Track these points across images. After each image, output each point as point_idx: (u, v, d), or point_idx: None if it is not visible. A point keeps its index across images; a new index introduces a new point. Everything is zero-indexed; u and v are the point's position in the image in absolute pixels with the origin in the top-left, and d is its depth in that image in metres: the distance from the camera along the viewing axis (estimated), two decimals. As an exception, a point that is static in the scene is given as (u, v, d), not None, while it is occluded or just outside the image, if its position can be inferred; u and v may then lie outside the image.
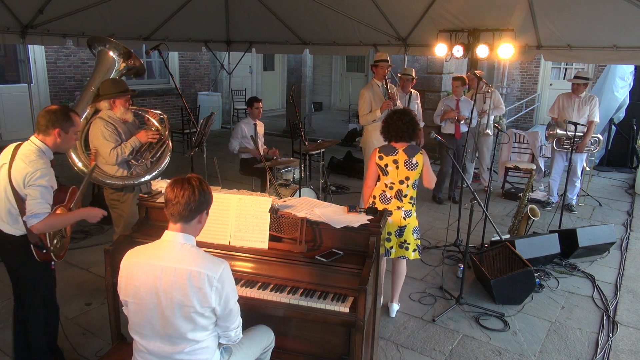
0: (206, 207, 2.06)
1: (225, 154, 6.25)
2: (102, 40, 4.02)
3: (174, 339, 2.00)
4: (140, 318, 2.01)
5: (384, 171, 3.56)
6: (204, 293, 1.92)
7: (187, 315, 1.94)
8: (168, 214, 2.01)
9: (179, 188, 1.97)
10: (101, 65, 4.02)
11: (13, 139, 3.78)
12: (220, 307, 1.98)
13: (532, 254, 4.45)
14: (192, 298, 1.92)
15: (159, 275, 1.94)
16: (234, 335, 2.13)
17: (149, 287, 1.95)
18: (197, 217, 2.03)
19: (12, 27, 6.61)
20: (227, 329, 2.09)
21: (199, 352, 2.04)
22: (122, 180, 3.74)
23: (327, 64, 15.67)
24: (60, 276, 4.28)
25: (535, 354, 3.43)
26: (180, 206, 1.96)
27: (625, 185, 7.85)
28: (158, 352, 2.04)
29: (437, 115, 6.49)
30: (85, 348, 3.25)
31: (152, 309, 1.96)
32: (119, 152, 3.64)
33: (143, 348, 2.07)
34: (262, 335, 2.51)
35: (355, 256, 2.67)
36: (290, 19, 8.18)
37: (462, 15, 6.47)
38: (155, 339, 2.02)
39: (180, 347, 2.01)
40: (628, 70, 8.62)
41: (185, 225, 2.01)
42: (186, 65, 11.78)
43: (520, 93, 12.94)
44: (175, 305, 1.93)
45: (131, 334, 2.10)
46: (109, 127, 3.63)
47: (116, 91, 3.66)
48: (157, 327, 1.99)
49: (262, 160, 4.74)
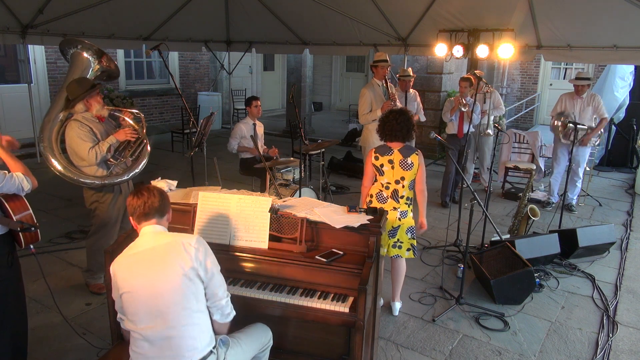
0: (169, 206, 2.33)
1: (225, 154, 6.25)
2: (74, 42, 3.95)
3: (164, 315, 2.07)
4: (134, 304, 2.11)
5: (379, 171, 3.56)
6: (183, 256, 2.11)
7: (176, 283, 2.08)
8: (142, 215, 2.23)
9: (147, 193, 2.24)
10: (75, 67, 3.95)
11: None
12: (201, 268, 2.14)
13: (532, 254, 4.45)
14: (176, 264, 2.09)
15: (146, 258, 2.13)
16: (226, 305, 2.24)
17: (140, 273, 2.11)
18: (166, 214, 2.30)
19: (12, 27, 6.62)
20: (216, 296, 2.19)
21: (191, 330, 2.10)
22: (101, 179, 3.74)
23: (327, 64, 15.67)
24: (60, 276, 4.31)
25: (535, 354, 3.43)
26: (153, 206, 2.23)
27: (625, 185, 7.85)
28: (152, 334, 2.09)
29: (445, 112, 6.42)
30: (85, 348, 3.25)
31: (144, 291, 2.09)
32: (98, 151, 3.63)
33: (138, 335, 2.12)
34: (260, 333, 2.53)
35: (355, 256, 2.67)
36: (290, 19, 8.18)
37: (462, 15, 6.47)
38: (148, 319, 2.09)
39: (171, 322, 2.07)
40: (628, 70, 8.62)
41: (160, 219, 2.26)
42: (186, 65, 11.78)
43: (520, 93, 12.94)
44: (163, 277, 2.08)
45: (126, 326, 2.18)
46: (83, 127, 3.62)
47: (84, 90, 3.63)
48: (150, 306, 2.08)
49: (262, 160, 4.75)
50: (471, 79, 6.26)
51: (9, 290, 2.72)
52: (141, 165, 3.91)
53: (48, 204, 6.09)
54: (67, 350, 3.28)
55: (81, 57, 3.94)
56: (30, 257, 2.77)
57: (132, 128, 3.85)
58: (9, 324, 2.74)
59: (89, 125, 3.67)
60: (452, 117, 6.28)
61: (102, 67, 3.99)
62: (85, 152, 3.61)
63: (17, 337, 2.82)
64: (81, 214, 5.65)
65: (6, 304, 2.70)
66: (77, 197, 5.98)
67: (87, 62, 3.93)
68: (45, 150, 3.79)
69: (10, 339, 2.75)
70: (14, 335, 2.79)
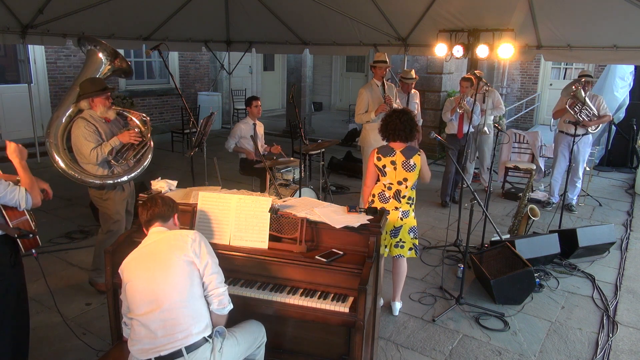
0: (176, 210, 2.54)
1: (225, 154, 6.24)
2: (93, 40, 4.05)
3: (161, 299, 2.18)
4: (134, 293, 2.24)
5: (382, 172, 3.56)
6: (180, 245, 2.28)
7: (171, 268, 2.22)
8: (147, 222, 2.46)
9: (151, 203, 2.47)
10: (89, 64, 4.04)
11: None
12: (197, 258, 2.27)
13: (532, 254, 4.44)
14: (172, 252, 2.26)
15: (150, 251, 2.30)
16: (222, 294, 2.30)
17: (139, 263, 2.28)
18: (172, 218, 2.50)
19: (12, 27, 6.63)
20: (212, 284, 2.28)
21: (185, 314, 2.17)
22: (101, 179, 3.78)
23: (327, 64, 15.67)
24: (60, 276, 4.31)
25: (535, 354, 3.43)
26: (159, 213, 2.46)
27: (625, 185, 7.85)
28: (148, 319, 2.18)
29: (445, 112, 6.41)
30: (85, 348, 3.25)
31: (144, 277, 2.23)
32: (99, 152, 3.67)
33: (137, 322, 2.21)
34: (254, 328, 2.56)
35: (355, 256, 2.67)
36: (290, 19, 8.18)
37: (462, 15, 6.47)
38: (146, 305, 2.19)
39: (166, 304, 2.17)
40: (628, 70, 8.62)
41: (165, 223, 2.46)
42: (186, 65, 11.78)
43: (520, 93, 12.94)
44: (159, 261, 2.24)
45: (128, 316, 2.30)
46: (89, 127, 3.66)
47: (94, 90, 3.68)
48: (148, 292, 2.20)
49: (261, 160, 4.75)
50: (472, 79, 6.26)
51: (12, 290, 2.72)
52: (142, 167, 3.93)
53: (48, 204, 6.03)
54: (67, 350, 3.28)
55: (96, 56, 4.03)
56: (30, 256, 2.77)
57: (137, 130, 3.87)
58: (11, 324, 2.74)
59: (95, 124, 3.70)
60: (452, 117, 6.28)
61: (113, 67, 4.10)
62: (87, 152, 3.66)
63: (19, 336, 2.83)
64: (81, 214, 5.65)
65: (8, 303, 2.71)
66: (77, 197, 5.99)
67: (99, 61, 4.04)
68: (51, 147, 3.82)
69: (11, 338, 2.76)
70: (16, 335, 2.79)
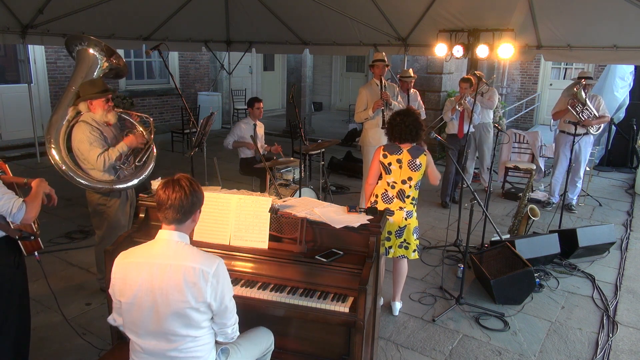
0: (199, 206, 2.09)
1: (225, 154, 6.25)
2: (79, 38, 3.80)
3: (168, 336, 1.99)
4: (135, 317, 2.01)
5: (387, 169, 3.56)
6: (199, 288, 1.94)
7: (182, 311, 1.95)
8: (161, 217, 2.04)
9: (170, 190, 1.99)
10: (82, 64, 3.81)
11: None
12: (215, 302, 1.99)
13: (532, 254, 4.45)
14: (187, 293, 1.93)
15: (155, 273, 1.96)
16: (231, 332, 2.13)
17: (145, 286, 1.96)
18: (191, 217, 2.07)
19: (12, 27, 6.63)
20: (224, 325, 2.09)
21: (194, 349, 2.04)
22: (110, 184, 3.63)
23: (327, 64, 15.67)
24: (60, 276, 4.31)
25: (535, 354, 3.43)
26: (173, 209, 2.00)
27: (625, 185, 7.85)
28: (153, 350, 2.03)
29: (446, 112, 6.41)
30: (85, 348, 3.25)
31: (148, 307, 1.97)
32: (106, 158, 3.52)
33: (139, 347, 2.06)
34: (262, 338, 2.50)
35: (355, 256, 2.67)
36: (290, 19, 8.18)
37: (462, 15, 6.48)
38: (150, 337, 2.01)
39: (175, 344, 2.00)
40: (628, 70, 8.62)
41: (179, 225, 2.05)
42: (186, 65, 11.78)
43: (520, 93, 12.94)
44: (171, 302, 1.94)
45: (127, 333, 2.11)
46: (95, 132, 3.51)
47: (93, 92, 3.54)
48: (152, 325, 1.99)
49: (262, 160, 4.75)
50: (471, 80, 6.25)
51: (15, 290, 2.72)
52: (148, 170, 3.82)
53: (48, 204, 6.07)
54: (67, 351, 3.28)
55: (87, 54, 3.80)
56: (30, 256, 2.77)
57: (142, 133, 3.75)
58: (13, 324, 2.75)
59: (99, 128, 3.57)
60: (453, 117, 6.28)
61: (110, 64, 3.88)
62: (93, 158, 3.50)
63: (20, 337, 2.83)
64: (81, 214, 5.65)
65: (11, 303, 2.71)
66: (77, 197, 5.99)
67: (93, 58, 3.79)
68: (53, 152, 3.65)
69: (14, 338, 2.76)
70: (17, 335, 2.79)
